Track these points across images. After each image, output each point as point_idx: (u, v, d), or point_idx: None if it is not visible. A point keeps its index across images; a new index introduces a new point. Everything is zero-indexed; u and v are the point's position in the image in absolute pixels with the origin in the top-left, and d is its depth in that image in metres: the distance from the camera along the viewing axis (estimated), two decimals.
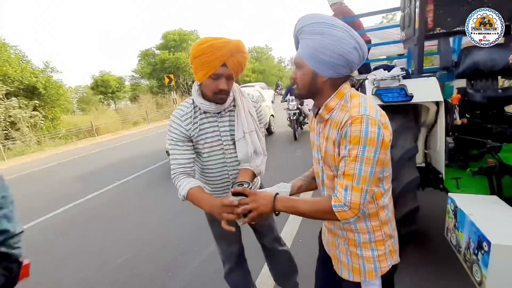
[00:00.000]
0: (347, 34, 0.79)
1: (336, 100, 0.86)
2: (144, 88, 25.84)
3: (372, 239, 0.92)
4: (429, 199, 2.84)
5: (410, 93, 1.87)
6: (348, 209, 0.78)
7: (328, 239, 1.05)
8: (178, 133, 1.29)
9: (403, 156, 1.88)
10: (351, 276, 0.95)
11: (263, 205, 0.90)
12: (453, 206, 1.57)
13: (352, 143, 0.77)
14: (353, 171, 0.77)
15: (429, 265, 2.09)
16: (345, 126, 0.79)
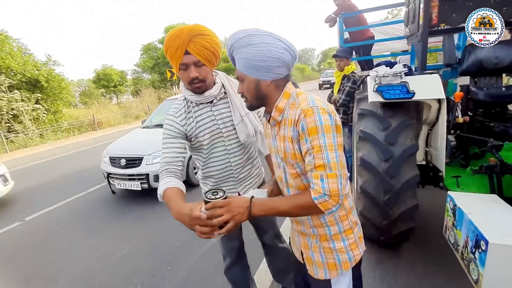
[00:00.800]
0: (273, 37, 0.86)
1: (284, 101, 0.92)
2: (146, 82, 25.78)
3: (342, 229, 0.95)
4: (429, 197, 2.84)
5: (412, 90, 1.85)
6: (328, 198, 0.79)
7: (300, 242, 1.05)
8: (171, 130, 1.28)
9: (403, 153, 1.87)
10: (327, 273, 0.97)
11: (239, 213, 0.84)
12: (452, 204, 1.56)
13: (311, 135, 0.81)
14: (322, 161, 0.80)
15: (427, 263, 2.10)
16: (299, 121, 0.84)
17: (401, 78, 1.90)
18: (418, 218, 2.20)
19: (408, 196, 1.89)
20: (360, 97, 2.31)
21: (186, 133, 1.31)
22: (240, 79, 0.92)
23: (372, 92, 1.96)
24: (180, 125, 1.29)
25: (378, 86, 1.91)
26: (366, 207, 2.02)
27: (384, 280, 1.99)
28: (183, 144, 1.29)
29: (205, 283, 2.17)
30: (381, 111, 2.03)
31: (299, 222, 1.01)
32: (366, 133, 2.00)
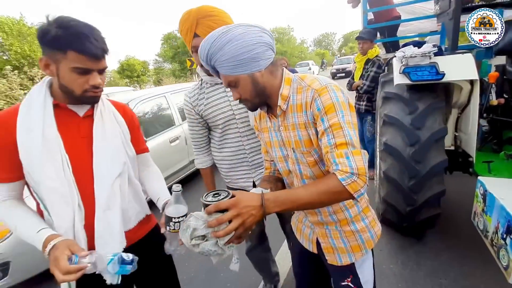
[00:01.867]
0: (243, 26, 0.78)
1: (287, 88, 0.86)
2: (167, 72, 26.28)
3: (360, 209, 0.94)
4: (456, 183, 2.73)
5: (441, 71, 1.76)
6: (357, 177, 0.71)
7: (315, 232, 1.00)
8: (187, 110, 1.40)
9: (430, 137, 1.80)
10: (352, 257, 0.94)
11: (250, 215, 0.69)
12: (482, 190, 1.50)
13: (329, 113, 0.77)
14: (344, 138, 0.75)
15: (453, 250, 2.05)
16: (313, 101, 0.79)
17: (430, 59, 1.81)
18: (444, 205, 2.14)
19: (435, 182, 1.84)
20: (385, 80, 2.23)
21: (198, 113, 1.36)
22: (232, 84, 0.83)
23: (398, 74, 1.89)
24: (192, 105, 1.37)
25: (405, 67, 1.84)
26: (389, 193, 1.99)
27: (406, 265, 1.97)
28: (200, 122, 1.40)
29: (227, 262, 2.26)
30: (407, 94, 1.96)
31: (316, 213, 0.95)
32: (391, 117, 1.94)
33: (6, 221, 0.88)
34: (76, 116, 0.94)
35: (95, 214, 0.91)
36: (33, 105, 0.86)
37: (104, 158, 0.95)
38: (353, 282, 0.95)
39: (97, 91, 0.91)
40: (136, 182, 1.06)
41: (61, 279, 0.73)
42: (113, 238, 0.95)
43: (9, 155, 0.84)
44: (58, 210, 0.86)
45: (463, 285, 1.75)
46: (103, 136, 0.96)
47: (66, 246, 0.78)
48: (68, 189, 0.86)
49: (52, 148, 0.85)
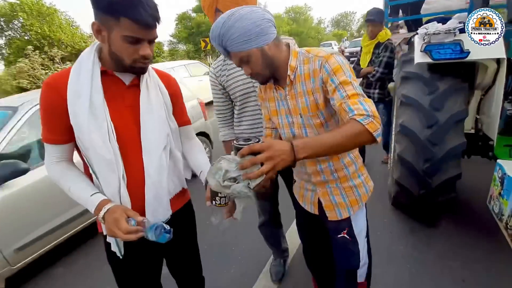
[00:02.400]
0: (249, 7, 0.87)
1: (294, 60, 0.96)
2: (182, 53, 26.17)
3: (357, 167, 1.07)
4: (474, 168, 2.65)
5: (466, 49, 1.67)
6: (373, 118, 0.78)
7: (316, 193, 1.11)
8: (212, 81, 1.44)
9: (449, 119, 1.74)
10: (350, 210, 1.07)
11: (281, 159, 0.72)
12: (501, 173, 1.46)
13: (337, 73, 0.87)
14: (354, 90, 0.84)
15: (465, 234, 2.03)
16: (322, 68, 0.89)
17: (455, 36, 1.71)
18: (460, 189, 2.10)
19: (451, 165, 1.79)
20: (405, 59, 2.14)
21: (221, 83, 1.41)
22: (244, 60, 0.90)
23: (420, 52, 1.80)
24: (216, 75, 1.41)
25: (427, 45, 1.75)
26: (402, 175, 1.97)
27: (416, 247, 1.98)
28: (224, 93, 1.44)
29: (239, 237, 2.35)
30: (428, 74, 1.88)
31: (319, 173, 1.05)
32: (409, 98, 1.88)
33: (60, 181, 0.92)
34: (122, 84, 0.94)
35: (145, 184, 0.94)
36: (82, 70, 0.87)
37: (151, 129, 0.95)
38: (348, 233, 1.08)
39: (146, 61, 0.90)
40: (177, 155, 1.07)
41: (125, 238, 0.81)
42: (162, 206, 1.00)
43: (61, 118, 0.86)
44: (105, 176, 0.89)
45: (473, 268, 1.74)
46: (149, 106, 0.96)
47: (123, 210, 0.84)
48: (114, 158, 0.88)
49: (99, 115, 0.86)
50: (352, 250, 1.09)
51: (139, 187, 0.95)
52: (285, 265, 1.92)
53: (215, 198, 0.87)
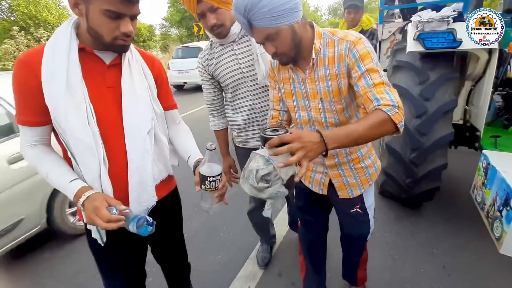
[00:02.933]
0: None
1: (318, 41, 0.92)
2: (174, 38, 25.51)
3: (368, 148, 1.11)
4: (460, 159, 2.70)
5: (459, 39, 1.65)
6: (397, 109, 0.77)
7: (331, 175, 1.13)
8: (200, 71, 1.41)
9: (439, 109, 1.74)
10: (361, 188, 1.13)
11: (312, 150, 0.71)
12: (485, 163, 1.48)
13: (365, 60, 0.84)
14: (380, 78, 0.83)
15: (448, 222, 2.08)
16: (349, 52, 0.86)
17: (448, 24, 1.69)
18: (445, 179, 2.13)
19: (438, 155, 1.81)
20: (398, 47, 2.11)
21: (210, 73, 1.38)
22: (271, 37, 0.84)
23: (412, 41, 1.78)
24: (203, 65, 1.39)
25: (420, 33, 1.72)
26: (390, 164, 1.98)
27: (400, 235, 2.02)
28: (213, 83, 1.42)
29: (227, 224, 2.36)
30: (419, 63, 1.86)
31: (333, 156, 1.07)
32: (399, 87, 1.86)
33: (37, 166, 0.87)
34: (102, 64, 0.87)
35: (129, 168, 0.90)
36: (58, 47, 0.80)
37: (133, 111, 0.90)
38: (360, 208, 1.17)
39: (128, 39, 0.84)
40: (162, 140, 1.02)
41: (104, 226, 0.77)
42: (147, 192, 0.96)
43: (36, 98, 0.80)
44: (84, 160, 0.84)
45: (454, 255, 1.80)
46: (132, 88, 0.90)
47: (103, 198, 0.81)
48: (94, 141, 0.83)
49: (76, 95, 0.80)
50: (364, 221, 1.20)
51: (122, 172, 0.91)
52: (272, 252, 1.95)
53: (204, 182, 0.85)
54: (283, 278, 1.76)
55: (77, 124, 0.81)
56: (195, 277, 1.41)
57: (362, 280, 1.49)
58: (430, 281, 1.62)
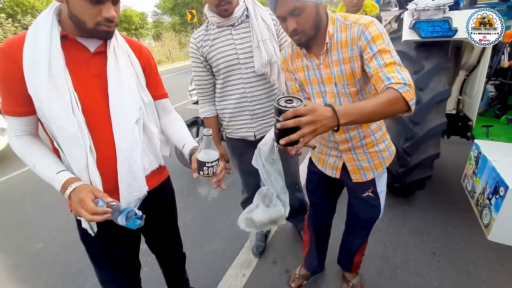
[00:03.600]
0: None
1: (332, 26, 0.93)
2: (167, 26, 24.91)
3: (382, 132, 1.12)
4: (453, 149, 2.74)
5: (454, 27, 1.64)
6: (409, 87, 0.77)
7: (345, 159, 1.15)
8: (192, 52, 1.37)
9: (432, 99, 1.75)
10: (375, 172, 1.14)
11: (322, 125, 0.69)
12: (476, 153, 1.50)
13: (377, 41, 0.85)
14: (392, 59, 0.83)
15: (439, 211, 2.12)
16: (361, 35, 0.87)
17: (444, 13, 1.67)
18: (437, 168, 2.17)
19: (431, 144, 1.83)
20: (394, 36, 2.09)
21: (203, 55, 1.33)
22: (297, 13, 0.84)
23: (408, 30, 1.76)
24: (197, 46, 1.34)
25: (415, 21, 1.71)
26: None
27: (392, 223, 2.06)
28: (206, 66, 1.38)
29: (222, 213, 2.37)
30: (414, 52, 1.85)
31: (347, 140, 1.09)
32: None
33: (24, 157, 0.86)
34: (86, 52, 0.85)
35: (117, 158, 0.89)
36: (39, 34, 0.77)
37: (120, 100, 0.88)
38: (372, 192, 1.19)
39: (111, 25, 0.81)
40: (151, 130, 1.00)
41: (89, 218, 0.77)
42: (137, 182, 0.95)
43: (19, 88, 0.78)
44: (70, 150, 0.83)
45: (444, 242, 1.84)
46: (118, 76, 0.88)
47: (89, 190, 0.80)
48: (79, 130, 0.81)
49: (59, 84, 0.78)
50: (375, 205, 1.22)
51: (111, 162, 0.90)
52: (266, 240, 1.97)
53: (202, 168, 0.84)
54: (277, 265, 1.80)
55: (61, 113, 0.79)
56: (191, 265, 1.43)
57: (356, 266, 1.52)
58: (420, 267, 1.67)
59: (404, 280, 1.60)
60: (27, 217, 2.62)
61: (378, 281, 1.62)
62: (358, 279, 1.56)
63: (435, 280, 1.58)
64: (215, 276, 1.75)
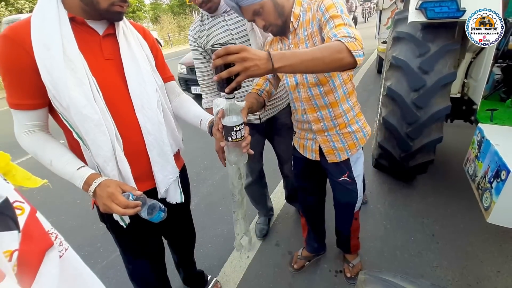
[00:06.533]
0: None
1: (298, 8, 1.02)
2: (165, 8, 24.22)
3: (354, 113, 1.17)
4: (455, 133, 2.73)
5: (462, 8, 1.58)
6: (354, 40, 0.79)
7: (316, 141, 1.21)
8: (192, 44, 1.38)
9: (437, 82, 1.72)
10: (349, 152, 1.19)
11: (255, 65, 0.68)
12: (479, 137, 1.50)
13: (329, 9, 0.92)
14: (342, 20, 0.89)
15: (440, 194, 2.15)
16: (318, 9, 0.95)
17: None
18: (439, 152, 2.17)
19: (434, 128, 1.82)
20: (399, 17, 2.04)
21: (201, 46, 1.36)
22: (257, 12, 0.93)
23: (414, 10, 1.70)
24: (194, 38, 1.36)
25: (422, 1, 1.65)
26: (385, 138, 2.00)
27: (393, 206, 2.10)
28: (205, 56, 1.39)
29: (226, 198, 2.41)
30: (420, 34, 1.81)
31: (319, 119, 1.14)
32: (398, 60, 1.83)
33: (38, 154, 0.81)
34: (96, 34, 0.81)
35: (146, 142, 0.88)
36: (46, 17, 0.73)
37: (140, 83, 0.85)
38: (348, 177, 1.25)
39: (124, 5, 0.79)
40: (168, 113, 0.98)
41: (122, 212, 0.76)
42: (169, 163, 0.95)
43: (31, 77, 0.73)
44: (94, 139, 0.79)
45: (443, 224, 1.88)
46: (133, 58, 0.85)
47: (117, 184, 0.78)
48: (102, 117, 0.78)
49: (77, 69, 0.74)
50: (351, 189, 1.28)
51: (138, 147, 0.88)
52: (269, 223, 2.02)
53: (230, 134, 0.80)
54: (280, 247, 1.85)
55: (82, 100, 0.75)
56: (197, 248, 1.47)
57: (355, 248, 1.57)
58: (419, 248, 1.72)
59: (404, 260, 1.65)
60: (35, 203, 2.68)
61: (378, 261, 1.67)
62: (359, 259, 1.61)
63: (434, 260, 1.63)
64: (220, 258, 1.81)
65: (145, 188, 0.94)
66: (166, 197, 1.02)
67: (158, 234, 1.14)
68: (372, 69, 6.00)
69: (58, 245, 0.53)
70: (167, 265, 1.25)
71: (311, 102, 1.12)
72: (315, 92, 1.09)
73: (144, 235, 1.04)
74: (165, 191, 0.98)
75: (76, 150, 0.84)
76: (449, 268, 1.58)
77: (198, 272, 1.55)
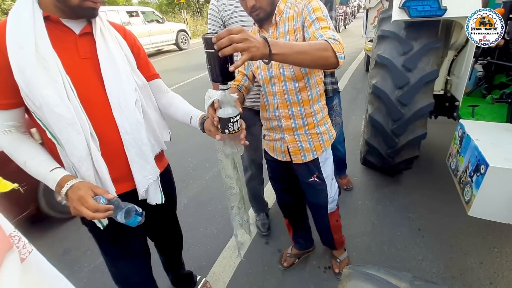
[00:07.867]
0: None
1: (283, 4, 1.07)
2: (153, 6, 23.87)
3: (323, 115, 1.20)
4: (440, 129, 2.80)
5: (443, 6, 1.62)
6: (338, 43, 0.87)
7: (285, 141, 1.21)
8: (212, 14, 1.37)
9: (420, 80, 1.76)
10: (314, 154, 1.21)
11: (255, 46, 0.70)
12: (461, 132, 1.54)
13: (316, 12, 0.98)
14: (327, 24, 0.95)
15: (425, 189, 2.20)
16: (304, 8, 1.00)
17: None
18: (424, 148, 2.22)
19: (418, 125, 1.86)
20: (383, 16, 2.07)
21: (221, 19, 1.34)
22: None
23: (398, 9, 1.73)
24: (218, 9, 1.34)
25: (405, 0, 1.68)
26: (372, 135, 2.03)
27: (380, 202, 2.13)
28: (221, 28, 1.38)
29: (215, 198, 2.40)
30: (404, 32, 1.84)
31: (290, 117, 1.15)
32: (383, 58, 1.86)
33: (13, 154, 0.80)
34: (72, 33, 0.81)
35: (123, 141, 0.87)
36: (21, 17, 0.73)
37: (117, 82, 0.85)
38: (318, 177, 1.27)
39: (97, 1, 0.78)
40: (150, 114, 0.97)
41: (92, 216, 0.74)
42: (149, 163, 0.94)
43: (6, 77, 0.73)
44: (68, 138, 0.78)
45: (429, 218, 1.93)
46: (110, 57, 0.84)
47: (88, 187, 0.77)
48: (76, 116, 0.77)
49: (50, 67, 0.74)
50: (321, 190, 1.30)
51: (116, 147, 0.87)
52: (269, 218, 2.03)
53: (227, 126, 0.79)
54: (270, 246, 1.86)
55: (55, 98, 0.74)
56: (186, 248, 1.47)
57: (339, 244, 1.59)
58: (406, 243, 1.75)
59: (391, 255, 1.69)
60: None
61: (366, 256, 1.69)
62: (346, 255, 1.64)
63: (419, 254, 1.67)
64: (209, 258, 1.80)
65: (125, 189, 0.93)
66: (146, 198, 1.00)
67: (141, 235, 1.13)
68: (361, 68, 6.08)
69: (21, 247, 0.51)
70: (155, 266, 1.24)
71: (284, 96, 1.12)
72: (290, 86, 1.10)
73: (127, 236, 1.02)
74: (144, 191, 0.97)
75: (53, 150, 0.83)
76: (434, 261, 1.62)
77: (187, 272, 1.54)
